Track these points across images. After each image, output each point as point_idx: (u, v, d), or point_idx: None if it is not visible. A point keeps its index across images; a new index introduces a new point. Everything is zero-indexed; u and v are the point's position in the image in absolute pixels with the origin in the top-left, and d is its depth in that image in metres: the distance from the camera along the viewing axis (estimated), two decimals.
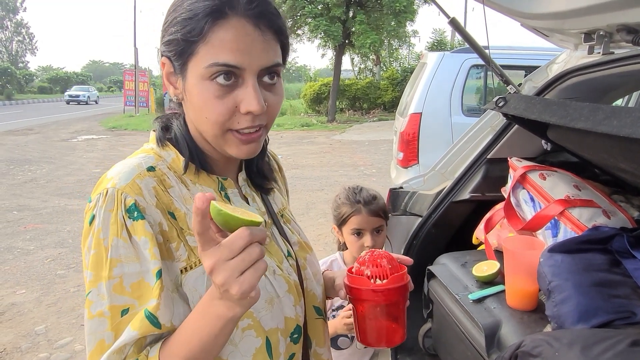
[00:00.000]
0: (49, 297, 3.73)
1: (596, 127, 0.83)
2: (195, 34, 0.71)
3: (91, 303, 0.71)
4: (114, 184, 0.73)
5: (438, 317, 1.43)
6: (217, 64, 0.71)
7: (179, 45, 0.74)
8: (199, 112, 0.75)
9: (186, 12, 0.73)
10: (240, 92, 0.73)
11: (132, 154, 0.83)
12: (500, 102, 1.27)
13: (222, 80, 0.72)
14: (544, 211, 1.22)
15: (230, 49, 0.71)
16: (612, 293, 0.90)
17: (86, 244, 0.72)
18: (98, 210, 0.72)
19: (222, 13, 0.71)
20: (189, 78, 0.74)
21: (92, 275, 0.71)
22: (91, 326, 0.71)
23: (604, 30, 1.26)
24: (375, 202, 1.68)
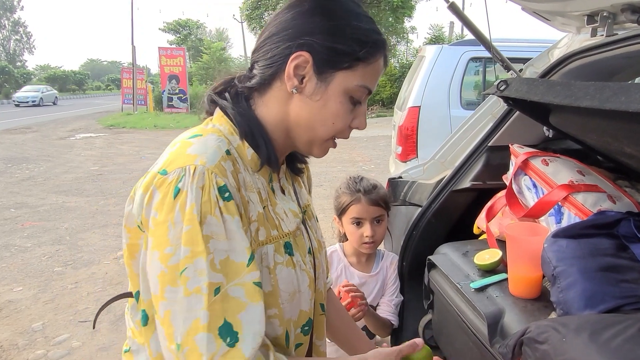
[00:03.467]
0: (46, 294, 3.70)
1: (603, 105, 0.80)
2: (362, 56, 0.80)
3: (187, 279, 0.70)
4: (203, 162, 0.74)
5: (439, 308, 1.40)
6: (365, 87, 0.83)
7: (342, 56, 0.80)
8: (329, 117, 0.82)
9: (361, 34, 0.81)
10: (356, 110, 0.85)
11: (198, 129, 0.84)
12: (502, 86, 1.24)
13: (358, 98, 0.84)
14: (547, 197, 1.18)
15: (375, 79, 0.84)
16: (620, 278, 0.87)
17: (172, 218, 0.71)
18: (188, 185, 0.72)
19: (380, 50, 0.83)
20: (333, 85, 0.81)
21: (188, 250, 0.71)
22: (188, 303, 0.70)
23: (607, 10, 1.23)
24: (375, 191, 1.65)
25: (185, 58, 20.82)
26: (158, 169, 0.76)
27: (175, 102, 20.06)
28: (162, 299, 0.72)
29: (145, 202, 0.74)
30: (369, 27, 0.83)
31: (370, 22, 0.84)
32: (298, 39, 0.80)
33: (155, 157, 0.84)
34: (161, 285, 0.72)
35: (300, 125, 0.84)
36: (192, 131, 0.83)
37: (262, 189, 0.85)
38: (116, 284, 3.84)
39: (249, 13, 20.57)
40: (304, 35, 0.80)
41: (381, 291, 1.71)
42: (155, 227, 0.73)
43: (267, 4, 19.59)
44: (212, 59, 24.20)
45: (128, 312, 0.88)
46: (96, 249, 4.63)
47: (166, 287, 0.71)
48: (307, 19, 0.82)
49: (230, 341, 0.70)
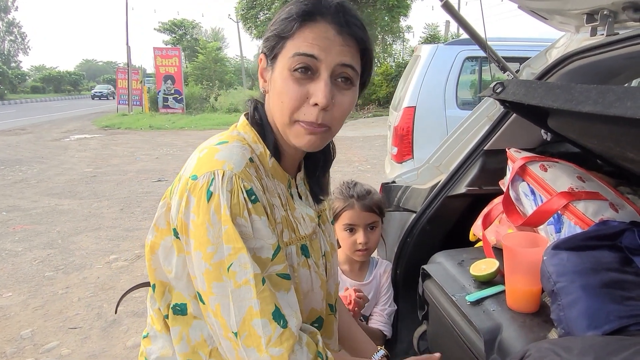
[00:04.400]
0: (36, 300, 3.62)
1: (607, 110, 0.74)
2: (287, 31, 0.83)
3: (235, 273, 0.77)
4: (231, 168, 0.80)
5: (434, 319, 1.34)
6: (297, 53, 0.82)
7: (272, 41, 0.85)
8: (277, 97, 0.85)
9: (284, 14, 0.85)
10: (313, 85, 0.83)
11: (225, 136, 0.90)
12: (498, 88, 1.18)
13: (300, 72, 0.82)
14: (546, 205, 1.13)
15: (310, 44, 0.82)
16: (625, 295, 0.81)
17: (208, 219, 0.78)
18: (219, 189, 0.78)
19: (312, 16, 0.83)
20: (276, 70, 0.85)
21: (230, 248, 0.77)
22: (239, 294, 0.77)
23: (608, 9, 1.17)
24: (369, 197, 1.59)
25: (181, 58, 20.73)
26: (189, 174, 0.82)
27: (171, 103, 19.97)
28: (210, 294, 0.79)
29: (183, 207, 0.80)
30: (295, 5, 0.85)
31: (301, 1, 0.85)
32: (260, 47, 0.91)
33: (150, 158, 0.87)
34: (207, 282, 0.79)
35: (272, 121, 0.90)
36: (219, 137, 0.90)
37: (281, 194, 0.91)
38: (108, 289, 3.77)
39: (244, 13, 20.50)
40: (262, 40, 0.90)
41: (374, 300, 1.65)
42: (195, 229, 0.79)
43: (262, 3, 19.52)
44: (207, 59, 24.08)
45: (149, 300, 0.95)
46: (88, 253, 4.56)
47: (212, 284, 0.78)
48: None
49: (282, 323, 0.78)
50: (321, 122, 0.83)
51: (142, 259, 4.38)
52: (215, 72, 24.11)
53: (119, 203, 6.37)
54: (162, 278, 0.90)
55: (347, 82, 0.85)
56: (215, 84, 23.13)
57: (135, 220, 5.60)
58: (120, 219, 5.66)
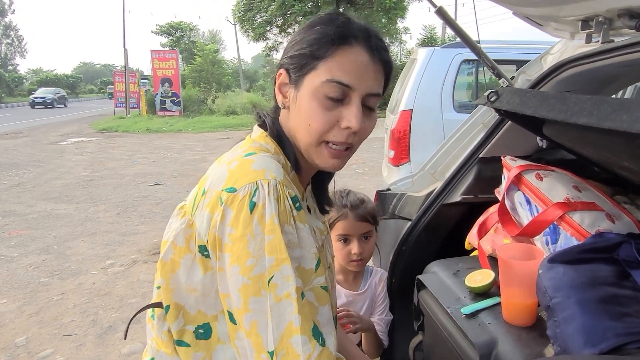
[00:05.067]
0: (31, 307, 3.60)
1: (602, 123, 0.73)
2: (321, 53, 0.83)
3: (276, 286, 0.74)
4: (273, 176, 0.79)
5: (429, 330, 1.32)
6: (332, 80, 0.82)
7: (302, 60, 0.84)
8: (303, 120, 0.85)
9: (317, 34, 0.84)
10: (344, 109, 0.84)
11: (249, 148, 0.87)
12: (492, 97, 1.16)
13: (332, 95, 0.82)
14: (541, 216, 1.11)
15: (346, 71, 0.82)
16: (622, 311, 0.79)
17: (250, 231, 0.75)
18: (265, 197, 0.76)
19: (347, 40, 0.83)
20: (303, 89, 0.84)
21: (273, 259, 0.74)
22: (279, 309, 0.73)
23: (603, 16, 1.15)
24: (362, 206, 1.57)
25: (178, 61, 20.71)
26: (222, 187, 0.78)
27: (168, 105, 19.95)
28: (246, 311, 0.75)
29: (217, 222, 0.77)
30: (328, 26, 0.85)
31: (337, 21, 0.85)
32: (280, 62, 0.90)
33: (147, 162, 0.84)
34: (244, 298, 0.75)
35: (293, 137, 0.90)
36: (243, 149, 0.87)
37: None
38: (103, 295, 3.75)
39: (241, 15, 20.49)
40: (282, 58, 0.89)
41: (370, 310, 1.63)
42: (233, 243, 0.75)
43: (259, 6, 19.52)
44: (205, 61, 24.06)
45: (154, 322, 0.90)
46: (84, 258, 4.53)
47: (249, 299, 0.74)
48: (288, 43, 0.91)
49: (321, 341, 0.75)
50: (350, 142, 0.86)
51: (138, 264, 4.36)
52: (212, 74, 24.09)
53: (115, 207, 6.35)
54: (178, 300, 0.85)
55: (372, 105, 0.88)
56: (213, 86, 23.12)
57: (131, 224, 5.58)
58: (117, 223, 5.63)
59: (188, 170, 8.92)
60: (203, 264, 0.82)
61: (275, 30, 20.85)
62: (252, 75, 44.47)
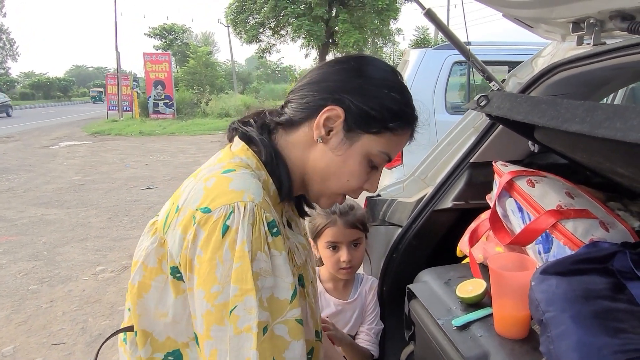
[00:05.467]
0: (20, 315, 3.54)
1: (595, 131, 0.69)
2: (390, 125, 0.84)
3: (237, 318, 0.70)
4: (251, 198, 0.74)
5: (420, 342, 1.28)
6: (386, 154, 0.86)
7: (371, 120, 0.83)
8: (345, 173, 0.85)
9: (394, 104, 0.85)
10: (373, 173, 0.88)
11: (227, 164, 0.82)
12: (482, 101, 1.13)
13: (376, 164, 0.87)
14: (534, 224, 1.08)
15: (397, 149, 0.88)
16: (618, 327, 0.76)
17: (219, 256, 0.71)
18: (239, 222, 0.72)
19: (409, 125, 0.88)
20: (358, 146, 0.84)
21: (237, 289, 0.70)
22: (238, 342, 0.70)
23: (594, 17, 1.12)
24: (352, 213, 1.54)
25: (171, 63, 20.64)
26: (196, 206, 0.74)
27: (162, 108, 19.86)
28: (207, 337, 0.72)
29: (188, 242, 0.73)
30: (403, 100, 0.87)
31: (407, 96, 0.89)
32: (336, 93, 0.83)
33: (139, 165, 0.79)
34: (207, 325, 0.71)
35: (316, 173, 0.87)
36: (221, 165, 0.82)
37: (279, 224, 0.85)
38: (93, 302, 3.69)
39: (233, 17, 20.44)
40: (342, 92, 0.83)
41: (360, 319, 1.59)
42: (200, 266, 0.72)
43: (252, 8, 19.49)
44: (198, 63, 23.98)
45: (125, 346, 0.86)
46: (74, 265, 4.47)
47: (212, 326, 0.71)
48: (349, 77, 0.85)
49: None
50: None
51: (129, 270, 4.30)
52: (206, 76, 24.02)
53: (107, 212, 6.28)
54: (145, 327, 0.81)
55: None
56: (206, 88, 23.04)
57: (123, 229, 5.52)
58: (108, 228, 5.58)
59: (181, 173, 8.86)
60: (175, 287, 0.77)
61: (268, 32, 20.82)
62: (245, 77, 44.39)
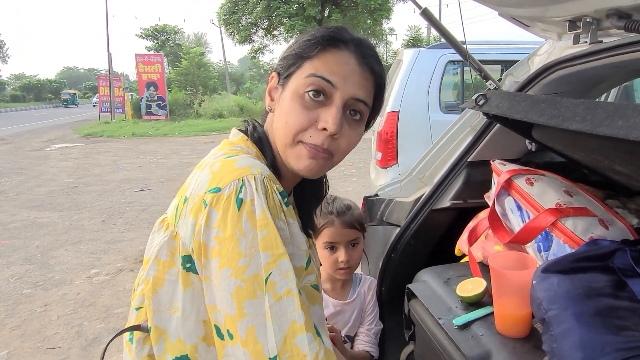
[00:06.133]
0: (13, 320, 3.50)
1: (596, 129, 0.69)
2: (308, 52, 0.82)
3: (274, 284, 0.69)
4: (259, 171, 0.75)
5: (421, 341, 1.28)
6: (314, 75, 0.81)
7: (290, 60, 0.84)
8: (282, 117, 0.83)
9: (307, 36, 0.85)
10: (324, 110, 0.81)
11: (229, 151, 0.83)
12: (481, 100, 1.13)
13: (312, 95, 0.81)
14: (533, 222, 1.08)
15: (330, 70, 0.81)
16: (620, 324, 0.76)
17: (240, 229, 0.70)
18: (252, 192, 0.72)
19: (335, 42, 0.83)
20: (287, 89, 0.83)
21: (269, 255, 0.69)
22: (280, 308, 0.68)
23: (591, 16, 1.13)
24: (349, 213, 1.53)
25: (163, 64, 20.53)
26: (205, 189, 0.74)
27: (154, 109, 19.77)
28: (241, 316, 0.69)
29: (201, 226, 0.72)
30: (320, 30, 0.85)
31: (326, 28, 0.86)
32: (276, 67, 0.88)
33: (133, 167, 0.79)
34: (238, 303, 0.69)
35: (273, 141, 0.87)
36: (223, 152, 0.84)
37: None
38: (88, 306, 3.66)
39: (226, 18, 20.38)
40: (278, 62, 0.88)
41: (359, 319, 1.59)
42: (221, 245, 0.71)
43: (244, 8, 19.44)
44: (191, 64, 23.90)
45: (131, 346, 0.84)
46: (68, 268, 4.43)
47: (245, 302, 0.69)
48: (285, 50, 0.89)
49: (324, 340, 0.71)
50: (326, 147, 0.81)
51: (124, 272, 4.27)
52: (198, 77, 23.94)
53: (100, 214, 6.24)
54: (159, 324, 0.79)
55: (356, 114, 0.85)
56: (199, 89, 22.97)
57: (117, 231, 5.48)
58: (102, 230, 5.54)
59: (175, 175, 8.82)
60: (183, 279, 0.76)
61: (260, 32, 20.78)
62: (238, 77, 44.31)
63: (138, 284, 0.85)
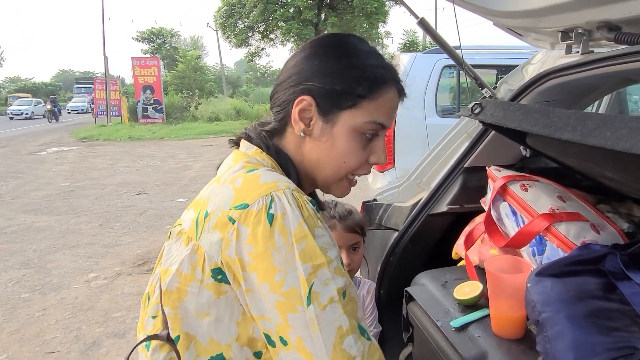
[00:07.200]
0: (12, 324, 3.51)
1: (586, 139, 0.73)
2: (365, 92, 0.82)
3: (317, 294, 0.71)
4: (287, 186, 0.77)
5: (419, 343, 1.32)
6: (375, 122, 0.84)
7: (342, 95, 0.82)
8: (338, 155, 0.85)
9: (362, 72, 0.83)
10: (373, 146, 0.86)
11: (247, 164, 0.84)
12: (476, 109, 1.17)
13: (369, 135, 0.85)
14: (527, 227, 1.12)
15: (385, 112, 0.85)
16: (611, 325, 0.80)
17: (273, 244, 0.72)
18: (284, 207, 0.73)
19: (387, 82, 0.85)
20: (340, 125, 0.83)
21: (309, 267, 0.71)
22: (325, 317, 0.71)
23: (582, 27, 1.17)
24: (350, 217, 1.57)
25: (160, 68, 20.56)
26: (230, 205, 0.76)
27: (151, 113, 19.78)
28: (288, 327, 0.72)
29: (232, 242, 0.74)
30: (370, 63, 0.84)
31: (373, 57, 0.86)
32: (301, 84, 0.84)
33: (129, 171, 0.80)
34: (282, 315, 0.72)
35: (314, 166, 0.88)
36: (240, 165, 0.84)
37: None
38: (87, 310, 3.67)
39: (222, 21, 20.44)
40: (306, 80, 0.84)
41: None
42: (255, 261, 0.73)
43: (241, 12, 19.50)
44: (187, 67, 23.94)
45: (147, 352, 0.86)
46: (66, 272, 4.44)
47: (287, 316, 0.72)
48: (308, 63, 0.85)
49: (367, 335, 0.74)
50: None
51: (122, 276, 4.29)
52: (195, 80, 23.98)
53: (98, 218, 6.25)
54: (189, 329, 0.80)
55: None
56: (196, 92, 23.01)
57: (114, 235, 5.50)
58: (100, 234, 5.55)
59: (172, 178, 8.84)
60: (216, 288, 0.77)
61: (257, 36, 20.85)
62: (235, 81, 44.37)
63: (153, 292, 0.86)
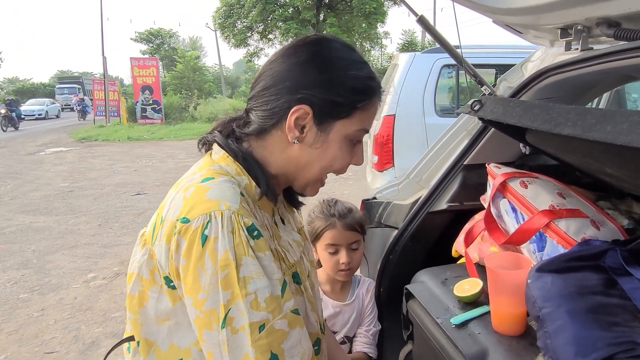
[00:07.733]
0: (10, 324, 3.50)
1: (586, 134, 0.73)
2: (359, 103, 0.85)
3: (233, 319, 0.74)
4: (228, 206, 0.77)
5: (419, 340, 1.31)
6: (364, 130, 0.89)
7: (338, 106, 0.84)
8: (327, 160, 0.87)
9: (358, 84, 0.86)
10: (356, 148, 0.91)
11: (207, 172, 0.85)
12: (476, 106, 1.17)
13: (357, 141, 0.90)
14: (527, 224, 1.11)
15: (372, 119, 0.90)
16: (611, 320, 0.79)
17: (202, 264, 0.74)
18: (217, 231, 0.74)
19: (376, 92, 0.89)
20: (334, 133, 0.86)
21: (229, 294, 0.74)
22: (236, 340, 0.74)
23: (582, 24, 1.17)
24: (350, 215, 1.57)
25: (158, 68, 20.52)
26: (176, 216, 0.77)
27: (149, 113, 19.74)
28: (202, 341, 0.77)
29: (172, 252, 0.76)
30: (363, 75, 0.87)
31: (364, 68, 0.88)
32: (297, 92, 0.83)
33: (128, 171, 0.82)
34: (198, 329, 0.76)
35: (300, 169, 0.89)
36: (201, 174, 0.84)
37: (268, 225, 0.89)
38: (86, 310, 3.67)
39: (221, 22, 20.44)
40: (303, 89, 0.83)
41: (358, 320, 1.62)
42: (184, 274, 0.76)
43: (240, 12, 19.50)
44: (186, 68, 23.91)
45: (129, 355, 0.89)
46: (65, 272, 4.43)
47: (203, 331, 0.75)
48: (304, 71, 0.85)
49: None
50: None
51: (121, 276, 4.28)
52: (194, 81, 23.95)
53: (96, 218, 6.24)
54: (148, 336, 0.83)
55: None
56: (195, 93, 22.97)
57: (113, 235, 5.49)
58: (98, 235, 5.54)
59: (170, 179, 8.82)
60: (171, 295, 0.81)
61: (256, 36, 20.86)
62: (233, 81, 44.36)
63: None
